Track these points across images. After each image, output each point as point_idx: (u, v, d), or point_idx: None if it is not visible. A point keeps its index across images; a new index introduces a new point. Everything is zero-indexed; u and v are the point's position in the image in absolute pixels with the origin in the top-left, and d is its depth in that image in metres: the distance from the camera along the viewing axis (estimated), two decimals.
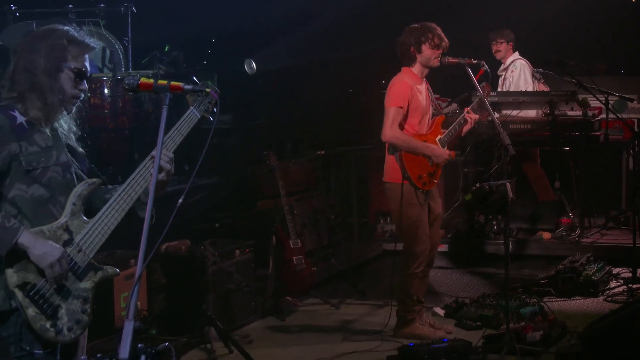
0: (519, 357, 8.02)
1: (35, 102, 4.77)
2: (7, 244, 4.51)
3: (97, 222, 4.78)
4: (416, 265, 8.77)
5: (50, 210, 4.75)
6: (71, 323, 4.70)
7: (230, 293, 9.42)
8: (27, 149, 4.69)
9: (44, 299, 4.62)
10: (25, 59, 4.79)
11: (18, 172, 4.67)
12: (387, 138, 8.63)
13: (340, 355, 8.50)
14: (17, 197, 4.68)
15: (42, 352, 4.67)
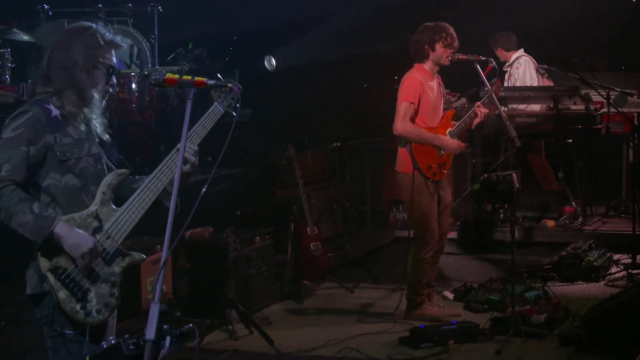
0: (524, 338, 8.02)
1: (71, 96, 4.80)
2: (44, 232, 4.53)
3: (126, 211, 4.80)
4: (426, 251, 8.78)
5: (82, 198, 4.77)
6: (100, 306, 4.72)
7: (251, 278, 9.44)
8: (61, 141, 4.71)
9: (74, 282, 4.65)
10: (62, 56, 4.81)
11: (52, 162, 4.69)
12: (398, 131, 8.64)
13: (355, 336, 8.49)
14: (51, 186, 4.70)
15: (72, 333, 4.69)
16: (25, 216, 4.52)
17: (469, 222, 11.96)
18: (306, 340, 8.48)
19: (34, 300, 4.76)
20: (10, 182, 4.52)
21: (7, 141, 4.61)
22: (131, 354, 3.75)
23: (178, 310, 8.89)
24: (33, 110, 4.68)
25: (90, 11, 11.95)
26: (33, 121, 4.65)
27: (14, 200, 4.52)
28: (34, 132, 4.63)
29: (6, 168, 4.53)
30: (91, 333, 4.71)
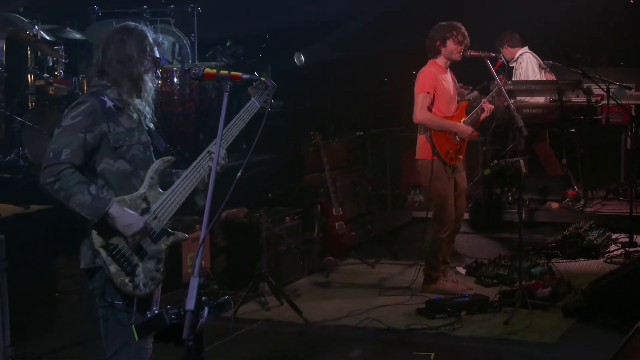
0: (530, 310, 8.03)
1: (126, 88, 4.83)
2: (100, 212, 4.56)
3: (171, 194, 4.82)
4: (443, 231, 8.80)
5: (132, 182, 4.79)
6: (147, 279, 4.75)
7: (281, 254, 9.46)
8: (114, 129, 4.74)
9: (124, 258, 4.67)
10: (117, 52, 4.84)
11: (106, 149, 4.71)
12: (417, 120, 8.67)
13: (376, 307, 8.51)
14: (105, 170, 4.72)
15: (121, 303, 4.73)
16: (84, 197, 4.54)
17: (480, 204, 11.94)
18: (331, 311, 8.50)
19: (87, 274, 4.80)
20: (69, 165, 4.54)
21: (66, 128, 4.63)
22: (172, 322, 3.76)
23: (215, 283, 8.93)
24: (90, 101, 4.71)
25: (137, 12, 11.97)
26: (90, 111, 4.67)
27: (73, 182, 4.54)
28: (91, 121, 4.65)
29: (66, 152, 4.55)
30: (139, 304, 4.73)
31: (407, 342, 7.62)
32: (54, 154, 4.56)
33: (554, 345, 7.41)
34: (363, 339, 7.78)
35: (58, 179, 4.53)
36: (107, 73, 4.86)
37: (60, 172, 4.53)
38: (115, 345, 4.81)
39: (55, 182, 4.53)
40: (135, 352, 4.82)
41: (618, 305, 7.83)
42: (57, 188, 4.55)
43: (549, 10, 13.69)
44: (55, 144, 4.60)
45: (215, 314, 3.78)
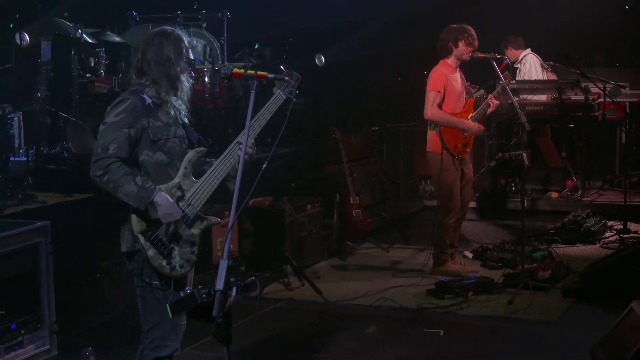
0: (531, 291, 8.03)
1: (164, 87, 4.86)
2: (146, 201, 4.62)
3: (203, 183, 4.88)
4: (450, 217, 8.79)
5: (169, 172, 4.84)
6: (182, 261, 4.79)
7: (303, 239, 9.46)
8: (153, 124, 4.78)
9: (161, 242, 4.72)
10: (156, 53, 4.88)
11: (146, 142, 4.76)
12: (428, 116, 8.66)
13: (389, 288, 8.50)
14: (144, 161, 4.77)
15: (159, 283, 4.77)
16: (130, 187, 4.59)
17: (486, 193, 11.93)
18: (349, 291, 8.50)
19: (127, 256, 4.85)
20: (116, 158, 4.60)
21: (111, 125, 4.68)
22: (204, 301, 3.76)
23: (242, 265, 8.94)
24: (131, 99, 4.75)
25: (171, 17, 11.98)
26: (132, 108, 4.72)
27: (120, 173, 4.59)
28: (133, 117, 4.70)
29: (113, 147, 4.60)
30: (175, 283, 4.78)
31: (418, 320, 7.62)
32: (102, 149, 4.61)
33: (553, 324, 7.41)
34: (378, 317, 7.79)
35: (106, 172, 4.59)
36: (146, 73, 4.89)
37: (108, 166, 4.58)
38: (152, 321, 4.85)
39: (104, 174, 4.59)
40: (170, 328, 4.86)
41: (613, 287, 7.82)
42: (105, 180, 4.61)
43: (551, 15, 13.68)
44: (103, 139, 4.65)
45: (243, 294, 3.79)
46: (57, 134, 9.91)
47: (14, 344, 6.00)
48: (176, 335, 4.91)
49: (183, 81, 4.94)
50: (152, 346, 4.86)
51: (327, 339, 7.23)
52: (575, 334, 7.07)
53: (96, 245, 7.71)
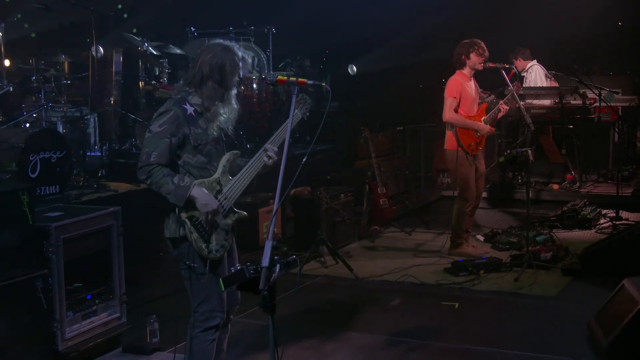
0: (535, 270, 8.00)
1: (214, 97, 4.81)
2: (183, 197, 4.62)
3: (237, 180, 4.88)
4: (467, 206, 8.77)
5: (208, 170, 4.83)
6: (218, 246, 4.79)
7: (337, 223, 9.46)
8: (194, 131, 4.75)
9: (203, 228, 4.72)
10: (211, 66, 4.79)
11: (188, 146, 4.75)
12: (446, 119, 8.63)
13: (411, 266, 8.49)
14: (186, 163, 4.76)
15: (198, 266, 4.77)
16: (169, 187, 4.61)
17: (496, 185, 11.88)
18: (376, 268, 8.49)
19: (172, 242, 4.83)
20: (157, 164, 4.60)
21: (155, 134, 4.66)
22: (252, 276, 3.76)
23: (285, 245, 8.97)
24: (174, 110, 4.70)
25: (224, 32, 12.01)
26: (174, 119, 4.68)
27: (160, 176, 4.60)
28: (175, 127, 4.68)
29: (154, 154, 4.60)
30: (211, 265, 4.78)
31: (436, 294, 7.60)
32: (146, 157, 4.62)
33: (554, 298, 7.38)
34: (401, 291, 7.77)
35: (149, 176, 4.61)
36: (197, 82, 4.82)
37: (150, 171, 4.60)
38: (199, 297, 4.85)
39: (147, 178, 4.63)
40: (217, 302, 4.87)
41: (607, 266, 7.78)
42: (149, 182, 4.64)
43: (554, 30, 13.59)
44: (147, 147, 4.65)
45: (285, 270, 3.79)
46: (126, 132, 9.99)
47: (90, 312, 6.04)
48: (222, 308, 4.91)
49: (232, 94, 4.89)
50: (202, 318, 4.86)
51: (357, 310, 7.23)
52: (573, 307, 7.03)
53: (159, 227, 7.76)
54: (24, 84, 8.80)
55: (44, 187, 7.74)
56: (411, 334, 6.51)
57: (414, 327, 6.69)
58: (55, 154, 7.83)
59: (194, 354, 4.90)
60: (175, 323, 5.16)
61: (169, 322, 6.11)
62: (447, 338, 6.40)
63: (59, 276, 5.70)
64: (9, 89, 8.49)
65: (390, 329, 6.62)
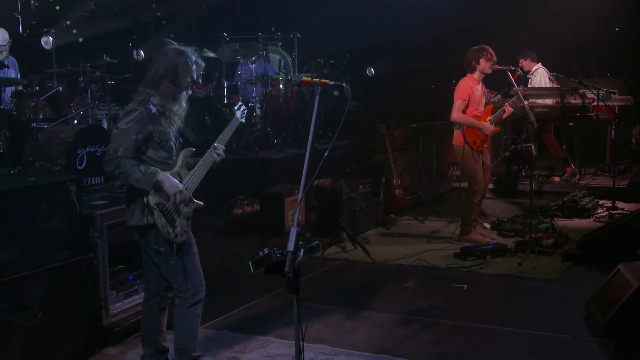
0: (537, 255, 7.96)
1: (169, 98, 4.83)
2: (151, 181, 4.64)
3: (194, 173, 4.91)
4: (475, 197, 8.75)
5: (169, 164, 4.85)
6: (181, 231, 4.81)
7: (356, 212, 9.45)
8: (157, 129, 4.77)
9: (170, 214, 4.75)
10: (165, 69, 4.81)
11: (152, 143, 4.76)
12: (454, 119, 8.62)
13: (424, 251, 8.47)
14: (149, 157, 4.77)
15: (165, 249, 4.79)
16: (137, 175, 4.62)
17: (502, 177, 11.83)
18: (392, 253, 8.48)
19: (137, 230, 4.84)
20: (124, 157, 4.60)
21: (122, 131, 4.66)
22: (278, 259, 3.76)
23: (308, 232, 8.97)
24: (140, 110, 4.71)
25: (254, 37, 12.01)
26: (139, 117, 4.69)
27: (127, 166, 4.61)
28: (140, 125, 4.68)
29: (121, 149, 4.60)
30: (177, 248, 4.80)
31: (446, 277, 7.58)
32: (113, 151, 4.63)
33: (555, 281, 7.34)
34: (414, 273, 7.75)
35: (117, 167, 4.61)
36: (155, 84, 4.82)
37: (118, 163, 4.60)
38: (180, 278, 4.87)
39: (115, 169, 4.63)
40: (196, 277, 4.92)
41: (604, 252, 7.74)
42: (117, 173, 4.65)
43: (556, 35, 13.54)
44: (115, 142, 4.66)
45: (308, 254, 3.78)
46: None
47: (131, 291, 6.07)
48: (201, 282, 4.95)
49: (182, 96, 4.88)
50: (186, 295, 4.87)
51: (374, 291, 7.22)
52: (572, 289, 7.00)
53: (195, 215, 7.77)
54: (72, 84, 8.85)
55: (90, 178, 7.78)
56: (424, 313, 6.50)
57: (426, 307, 6.68)
58: (100, 148, 7.87)
59: (185, 328, 4.92)
60: (211, 300, 5.17)
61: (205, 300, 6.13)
62: (456, 317, 6.39)
63: (103, 259, 5.74)
64: (59, 89, 8.54)
65: (405, 309, 6.61)
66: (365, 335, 5.99)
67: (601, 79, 12.88)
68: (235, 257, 8.14)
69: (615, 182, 10.38)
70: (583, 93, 11.52)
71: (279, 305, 6.69)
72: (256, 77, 11.35)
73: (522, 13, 14.17)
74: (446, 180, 12.46)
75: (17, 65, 8.90)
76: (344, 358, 5.51)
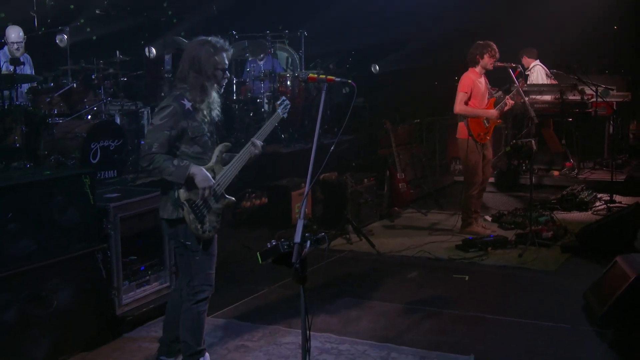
0: (537, 247, 7.94)
1: (197, 94, 4.77)
2: (184, 175, 4.59)
3: (229, 169, 4.86)
4: (473, 189, 8.74)
5: (203, 159, 4.79)
6: (210, 227, 4.77)
7: (361, 205, 9.44)
8: (191, 124, 4.71)
9: (199, 209, 4.70)
10: (190, 64, 4.78)
11: (186, 138, 4.71)
12: (456, 111, 8.66)
13: (427, 243, 8.46)
14: (183, 153, 4.72)
15: (191, 244, 4.75)
16: (170, 169, 4.58)
17: (503, 171, 11.81)
18: (395, 245, 8.47)
19: (168, 222, 4.82)
20: (158, 153, 4.57)
21: (156, 127, 4.63)
22: (285, 251, 3.77)
23: (315, 224, 8.95)
24: (173, 106, 4.67)
25: (262, 35, 11.99)
26: (172, 114, 4.64)
27: (161, 161, 4.57)
28: (174, 121, 4.63)
29: (155, 145, 4.57)
30: (204, 244, 4.76)
31: (448, 268, 7.58)
32: (148, 147, 4.60)
33: (554, 272, 7.34)
34: (418, 265, 7.75)
35: (151, 162, 4.58)
36: (185, 80, 4.78)
37: (152, 158, 4.57)
38: (191, 273, 4.83)
39: (150, 164, 4.59)
40: (206, 277, 4.86)
41: (601, 244, 7.72)
42: (151, 168, 4.62)
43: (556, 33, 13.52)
44: (149, 139, 4.63)
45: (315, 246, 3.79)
46: None
47: (143, 281, 6.09)
48: (210, 282, 4.89)
49: (210, 85, 4.79)
50: (193, 292, 4.83)
51: (379, 281, 7.23)
52: (571, 281, 6.99)
53: None
54: (86, 81, 8.87)
55: (103, 172, 7.81)
56: (426, 303, 6.50)
57: (428, 297, 6.68)
58: (113, 142, 7.89)
59: (189, 323, 4.89)
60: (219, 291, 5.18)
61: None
62: (458, 307, 6.39)
63: (116, 250, 5.76)
64: (73, 85, 8.56)
65: (408, 299, 6.61)
66: (369, 324, 6.00)
67: (600, 76, 12.84)
68: (244, 249, 8.15)
69: (613, 176, 10.37)
70: (582, 90, 11.49)
71: (286, 295, 6.70)
72: (264, 74, 11.34)
73: (522, 13, 14.15)
74: (448, 174, 12.45)
75: (31, 62, 8.94)
76: (349, 346, 5.51)
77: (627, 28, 14.38)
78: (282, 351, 5.42)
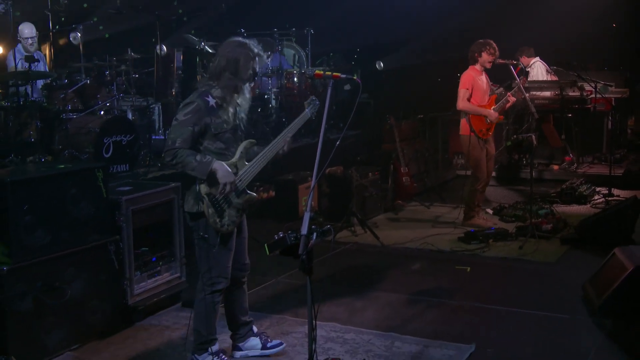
0: (537, 239, 7.94)
1: (229, 90, 4.76)
2: (206, 170, 4.58)
3: (252, 165, 4.82)
4: (478, 184, 8.73)
5: (226, 155, 4.76)
6: (229, 222, 4.74)
7: (366, 198, 9.44)
8: (214, 121, 4.69)
9: (219, 204, 4.68)
10: (228, 62, 4.75)
11: (209, 134, 4.69)
12: (459, 107, 8.63)
13: (430, 235, 8.45)
14: (206, 148, 4.70)
15: (209, 237, 4.73)
16: (193, 164, 4.57)
17: (504, 165, 11.80)
18: (399, 237, 8.47)
19: (190, 215, 4.80)
20: (181, 148, 4.56)
21: (180, 123, 4.61)
22: (292, 242, 3.77)
23: (321, 216, 8.97)
24: (197, 102, 4.65)
25: (270, 33, 11.98)
26: (196, 110, 4.62)
27: (184, 156, 4.56)
28: (197, 117, 4.62)
29: (179, 141, 4.56)
30: (222, 237, 4.74)
31: (451, 259, 7.57)
32: (172, 142, 4.59)
33: (553, 264, 7.32)
34: (421, 256, 7.75)
35: (174, 157, 4.57)
36: (217, 77, 4.75)
37: (175, 153, 4.56)
38: (207, 265, 4.80)
39: (173, 159, 4.58)
40: (222, 269, 4.84)
41: (600, 237, 7.71)
42: (174, 163, 4.60)
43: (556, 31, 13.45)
44: (173, 134, 4.62)
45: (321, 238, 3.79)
46: None
47: (154, 272, 6.09)
48: (226, 274, 4.86)
49: (244, 87, 4.80)
50: (209, 283, 4.81)
51: (383, 272, 7.23)
52: (570, 272, 6.98)
53: None
54: (99, 77, 8.89)
55: (116, 166, 7.82)
56: (429, 293, 6.50)
57: (431, 288, 6.68)
58: (125, 137, 7.90)
59: (202, 313, 4.88)
60: None
61: None
62: (460, 297, 6.38)
63: (128, 241, 5.76)
64: (87, 82, 8.57)
65: (412, 289, 6.61)
66: (374, 314, 6.00)
67: (599, 72, 12.78)
68: (252, 240, 8.14)
69: (612, 170, 10.37)
70: (581, 86, 11.46)
71: (293, 285, 6.71)
72: (272, 71, 11.33)
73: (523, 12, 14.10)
74: (451, 168, 12.43)
75: (44, 59, 8.96)
76: (354, 335, 5.52)
77: (626, 25, 14.32)
78: (289, 340, 5.42)
